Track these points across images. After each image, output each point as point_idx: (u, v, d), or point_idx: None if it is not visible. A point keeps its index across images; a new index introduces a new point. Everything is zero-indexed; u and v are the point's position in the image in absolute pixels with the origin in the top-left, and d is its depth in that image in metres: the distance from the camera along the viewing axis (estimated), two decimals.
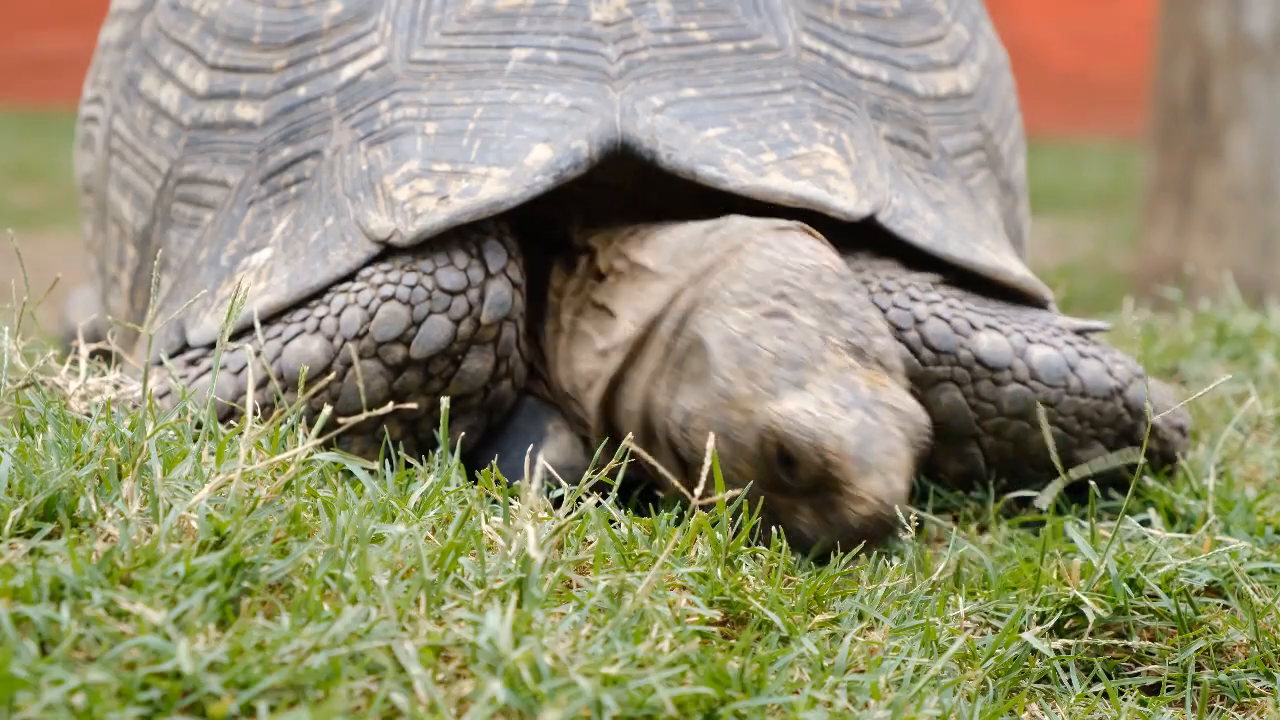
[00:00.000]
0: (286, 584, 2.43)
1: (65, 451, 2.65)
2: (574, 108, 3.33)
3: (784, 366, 2.99)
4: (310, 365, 3.18)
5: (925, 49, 3.61)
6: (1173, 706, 2.77)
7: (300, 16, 3.48)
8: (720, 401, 3.02)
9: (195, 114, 3.55)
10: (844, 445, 2.93)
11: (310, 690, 2.24)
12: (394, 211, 3.27)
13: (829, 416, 2.94)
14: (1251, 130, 9.20)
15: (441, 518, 2.75)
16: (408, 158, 3.32)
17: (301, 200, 3.40)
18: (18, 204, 12.29)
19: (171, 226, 3.57)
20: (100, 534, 2.48)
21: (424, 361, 3.20)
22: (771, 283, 3.08)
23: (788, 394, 2.97)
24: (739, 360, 3.02)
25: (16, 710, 2.14)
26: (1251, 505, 3.33)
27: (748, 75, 3.42)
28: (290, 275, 3.30)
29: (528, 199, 3.26)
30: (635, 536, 2.77)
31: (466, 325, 3.21)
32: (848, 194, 3.34)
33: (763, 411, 2.97)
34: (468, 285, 3.22)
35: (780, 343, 3.02)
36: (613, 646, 2.38)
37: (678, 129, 3.32)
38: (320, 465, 2.79)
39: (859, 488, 2.93)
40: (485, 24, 3.41)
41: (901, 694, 2.48)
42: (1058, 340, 3.37)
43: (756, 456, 2.98)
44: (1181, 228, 9.36)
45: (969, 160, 3.64)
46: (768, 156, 3.34)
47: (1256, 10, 9.08)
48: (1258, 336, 4.75)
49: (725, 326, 3.06)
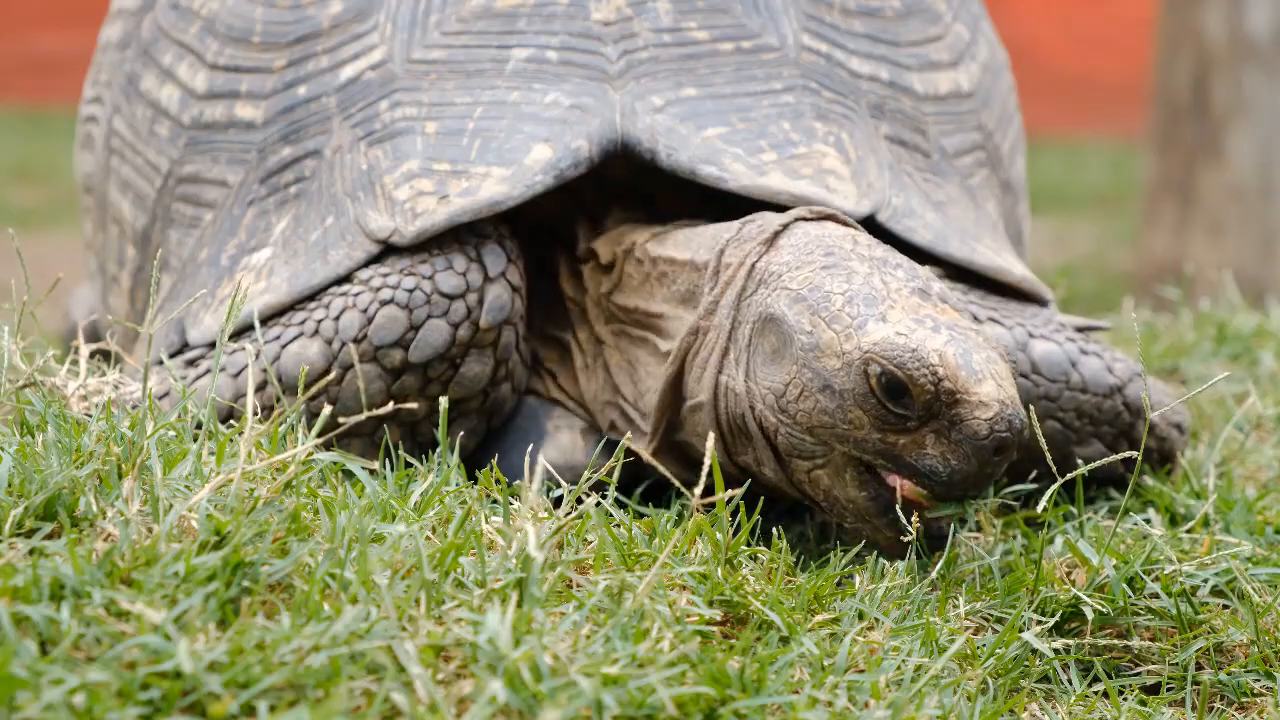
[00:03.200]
0: (286, 584, 2.43)
1: (65, 451, 2.65)
2: (574, 107, 3.33)
3: (860, 303, 2.97)
4: (309, 368, 3.18)
5: (925, 48, 3.61)
6: (1173, 706, 2.77)
7: (300, 16, 3.48)
8: (809, 357, 2.98)
9: (195, 114, 3.54)
10: (946, 357, 2.90)
11: (310, 690, 2.24)
12: (394, 211, 3.27)
13: (923, 335, 2.92)
14: (1251, 130, 9.20)
15: (441, 517, 2.75)
16: (408, 157, 3.31)
17: (301, 200, 3.40)
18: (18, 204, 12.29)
19: (172, 226, 3.56)
20: (100, 534, 2.48)
21: (422, 365, 3.20)
22: (816, 247, 3.08)
23: (874, 326, 2.95)
24: (814, 311, 3.00)
25: (16, 710, 2.14)
26: (1251, 505, 3.33)
27: (748, 75, 3.42)
28: (290, 275, 3.29)
29: (528, 198, 3.26)
30: (635, 536, 2.77)
31: (465, 329, 3.20)
32: (847, 193, 3.34)
33: (856, 345, 2.94)
34: (466, 289, 3.21)
35: (847, 285, 3.00)
36: (613, 646, 2.38)
37: (678, 128, 3.33)
38: (320, 465, 2.79)
39: (976, 393, 2.89)
40: (485, 24, 3.41)
41: (901, 694, 2.48)
42: (1059, 336, 3.37)
43: (864, 395, 2.94)
44: (1181, 227, 9.36)
45: (969, 160, 3.64)
46: (768, 156, 3.34)
47: (1256, 10, 9.08)
48: (1258, 336, 4.75)
49: (788, 290, 3.05)
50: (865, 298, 2.98)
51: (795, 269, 3.06)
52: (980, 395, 2.89)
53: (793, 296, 3.04)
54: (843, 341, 2.96)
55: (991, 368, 2.92)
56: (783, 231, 3.15)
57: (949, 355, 2.90)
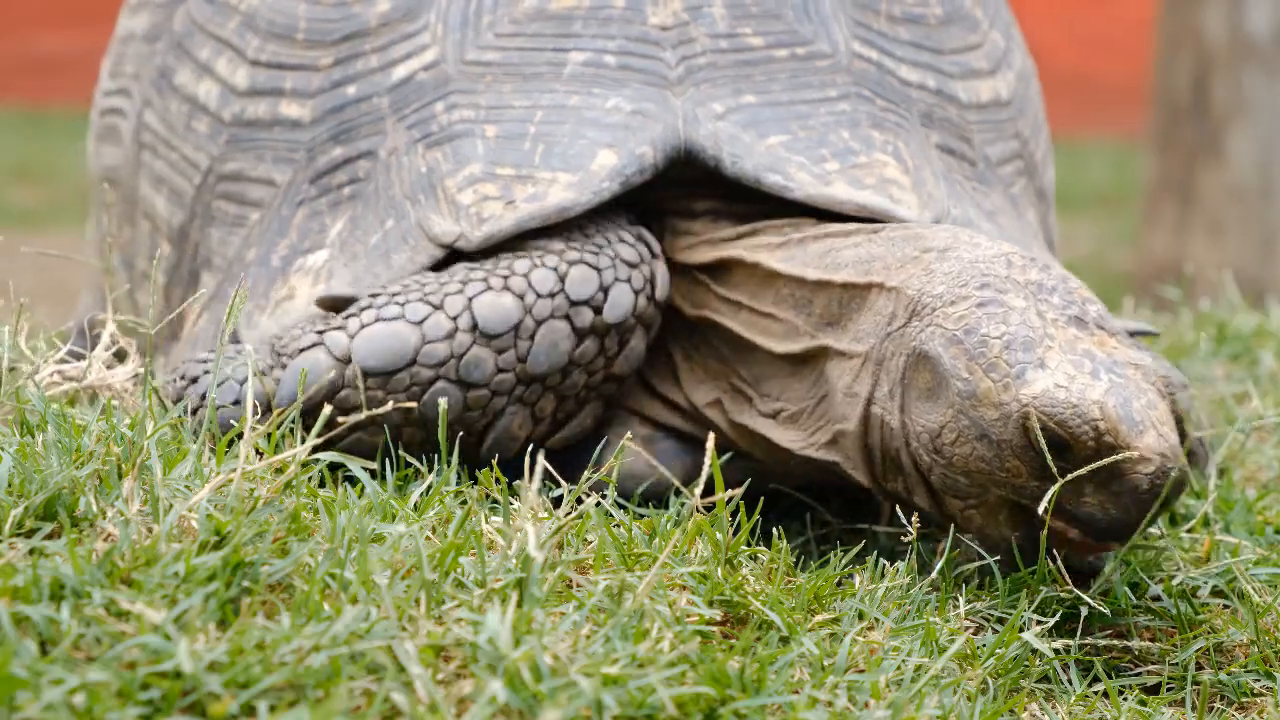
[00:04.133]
0: (286, 584, 2.43)
1: (65, 451, 2.65)
2: (636, 113, 3.31)
3: (1018, 350, 2.91)
4: (505, 317, 3.15)
5: (966, 56, 3.58)
6: (1173, 706, 2.77)
7: (346, 14, 3.45)
8: (966, 404, 2.92)
9: (237, 110, 3.51)
10: (1107, 409, 2.83)
11: (310, 690, 2.24)
12: (458, 215, 3.24)
13: (1082, 385, 2.86)
14: (1251, 130, 9.21)
15: (441, 517, 2.75)
16: (469, 160, 3.29)
17: (357, 201, 3.37)
18: (18, 204, 12.30)
19: (213, 224, 3.52)
20: (100, 533, 2.49)
21: (603, 332, 3.19)
22: (969, 277, 3.02)
23: (1033, 375, 2.88)
24: (970, 356, 2.93)
25: (16, 710, 2.14)
26: (1251, 505, 3.33)
27: (803, 82, 3.39)
28: (352, 279, 3.26)
29: (594, 205, 3.23)
30: (635, 536, 2.77)
31: (643, 300, 3.21)
32: (910, 204, 3.32)
33: (1015, 399, 2.88)
34: (640, 260, 3.23)
35: (1004, 328, 2.93)
36: (613, 646, 2.39)
37: (741, 136, 3.31)
38: (321, 464, 2.79)
39: (1138, 447, 2.82)
40: (539, 25, 3.38)
41: (901, 694, 2.48)
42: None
43: (1023, 448, 2.88)
44: (1181, 227, 9.37)
45: (1009, 169, 3.62)
46: (830, 165, 3.31)
47: (1256, 10, 9.09)
48: (1258, 336, 4.75)
49: (943, 330, 2.98)
50: (1023, 342, 2.91)
51: (950, 304, 3.00)
52: (1142, 449, 2.83)
53: (948, 338, 2.97)
54: (1000, 392, 2.90)
55: (1151, 414, 2.85)
56: (924, 255, 3.09)
57: (1110, 408, 2.84)
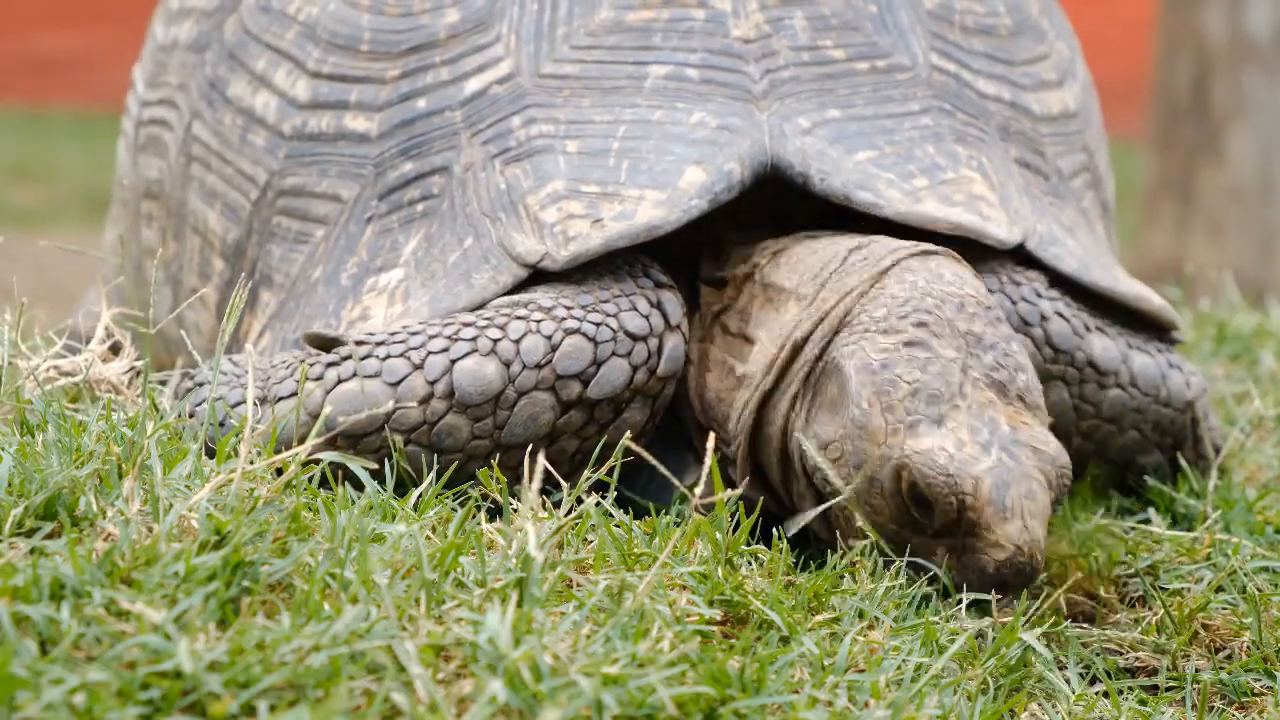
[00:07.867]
0: (287, 583, 2.43)
1: (65, 451, 2.65)
2: (721, 128, 3.22)
3: (922, 400, 2.90)
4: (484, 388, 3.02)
5: (1036, 67, 3.53)
6: (1173, 706, 2.77)
7: (413, 25, 3.34)
8: (855, 432, 2.93)
9: (297, 124, 3.40)
10: (980, 488, 2.83)
11: (310, 689, 2.24)
12: (542, 234, 3.13)
13: (967, 456, 2.85)
14: (1251, 130, 9.20)
15: (441, 517, 2.75)
16: (551, 177, 3.19)
17: (432, 219, 3.25)
18: (18, 204, 12.30)
19: (273, 240, 3.40)
20: (100, 533, 2.49)
21: (592, 404, 3.05)
22: (913, 310, 2.99)
23: (925, 430, 2.88)
24: (876, 390, 2.93)
25: (16, 709, 2.14)
26: (1251, 505, 3.33)
27: (885, 95, 3.32)
28: (431, 298, 3.14)
29: (684, 223, 3.14)
30: (635, 536, 2.77)
31: (642, 374, 3.07)
32: (1000, 220, 3.26)
33: (898, 447, 2.88)
34: (649, 332, 3.08)
35: (920, 375, 2.92)
36: (613, 646, 2.39)
37: (828, 151, 3.22)
38: (322, 465, 2.79)
39: (995, 533, 2.83)
40: (617, 38, 3.29)
41: (902, 693, 2.48)
42: (1151, 348, 3.35)
43: (891, 493, 2.90)
44: (1181, 227, 9.36)
45: (1079, 182, 3.57)
46: (919, 181, 3.24)
47: (1256, 10, 9.09)
48: (1258, 336, 4.75)
49: (864, 354, 2.97)
50: (930, 394, 2.90)
51: (883, 333, 2.98)
52: (999, 535, 2.83)
53: (865, 365, 2.96)
54: (889, 435, 2.90)
55: (1025, 504, 2.84)
56: (890, 270, 3.07)
57: (984, 486, 2.83)
